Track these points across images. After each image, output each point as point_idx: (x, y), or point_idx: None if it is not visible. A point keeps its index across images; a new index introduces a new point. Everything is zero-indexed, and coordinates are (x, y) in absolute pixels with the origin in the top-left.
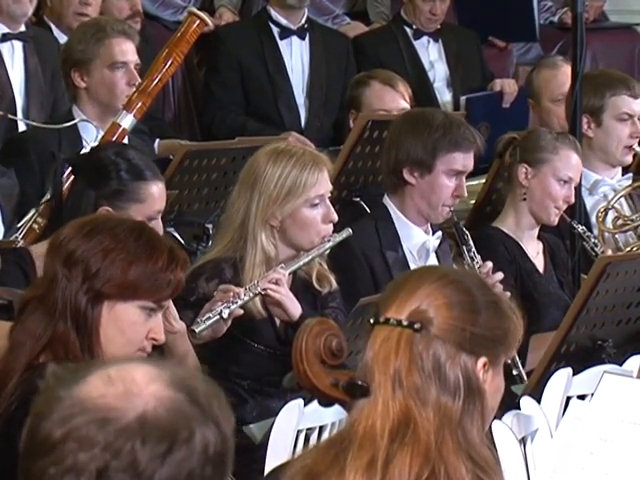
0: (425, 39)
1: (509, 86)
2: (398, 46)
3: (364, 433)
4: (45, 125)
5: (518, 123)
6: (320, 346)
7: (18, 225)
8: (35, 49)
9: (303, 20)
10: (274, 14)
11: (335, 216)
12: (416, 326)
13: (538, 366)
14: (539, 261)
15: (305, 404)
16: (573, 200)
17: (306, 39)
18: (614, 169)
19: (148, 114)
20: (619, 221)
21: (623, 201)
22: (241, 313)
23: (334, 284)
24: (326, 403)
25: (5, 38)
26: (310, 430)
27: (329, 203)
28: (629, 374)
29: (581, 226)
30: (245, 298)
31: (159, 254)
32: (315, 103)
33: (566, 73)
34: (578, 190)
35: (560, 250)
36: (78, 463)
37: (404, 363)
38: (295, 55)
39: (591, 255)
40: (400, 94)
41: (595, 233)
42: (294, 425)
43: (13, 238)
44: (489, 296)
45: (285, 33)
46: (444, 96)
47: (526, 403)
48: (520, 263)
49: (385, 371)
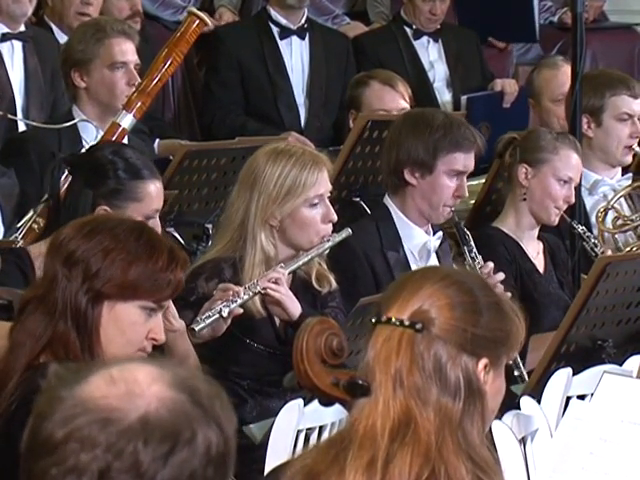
0: (425, 39)
1: (509, 86)
2: (398, 46)
3: (364, 432)
4: (45, 125)
5: (518, 123)
6: (321, 345)
7: (18, 225)
8: (35, 49)
9: (303, 20)
10: (274, 14)
11: (334, 216)
12: (418, 326)
13: (538, 366)
14: (539, 261)
15: (305, 404)
16: (573, 200)
17: (306, 39)
18: (614, 169)
19: (148, 114)
20: (619, 221)
21: (623, 201)
22: (241, 312)
23: (334, 284)
24: (326, 402)
25: (5, 38)
26: (310, 430)
27: (328, 203)
28: (629, 374)
29: (581, 226)
30: (245, 297)
31: (159, 254)
32: (315, 103)
33: (566, 73)
34: (578, 190)
35: (560, 250)
36: (80, 464)
37: (405, 363)
38: (295, 55)
39: (591, 255)
40: (400, 94)
41: (595, 233)
42: (294, 425)
43: (13, 238)
44: (491, 297)
45: (285, 33)
46: (444, 96)
47: (526, 403)
48: (520, 263)
49: (386, 371)
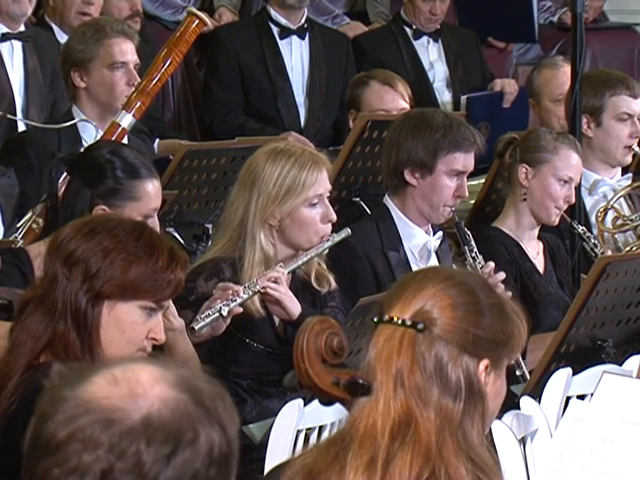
0: (425, 39)
1: (509, 86)
2: (398, 46)
3: (365, 432)
4: (45, 125)
5: (518, 123)
6: (321, 345)
7: (17, 225)
8: (35, 49)
9: (303, 20)
10: (274, 14)
11: (334, 216)
12: (419, 326)
13: (538, 366)
14: (539, 261)
15: (305, 404)
16: (574, 200)
17: (306, 39)
18: (614, 169)
19: (148, 114)
20: (618, 221)
21: (622, 201)
22: (240, 311)
23: (333, 284)
24: (327, 402)
25: (5, 38)
26: (310, 430)
27: (328, 203)
28: (629, 374)
29: (581, 226)
30: (244, 296)
31: (159, 254)
32: (315, 103)
33: (566, 73)
34: (578, 190)
35: (560, 250)
36: (82, 464)
37: (406, 363)
38: (295, 55)
39: (591, 256)
40: (400, 94)
41: (595, 233)
42: (294, 425)
43: (13, 238)
44: (494, 299)
45: (285, 33)
46: (444, 96)
47: (526, 403)
48: (520, 263)
49: (387, 370)
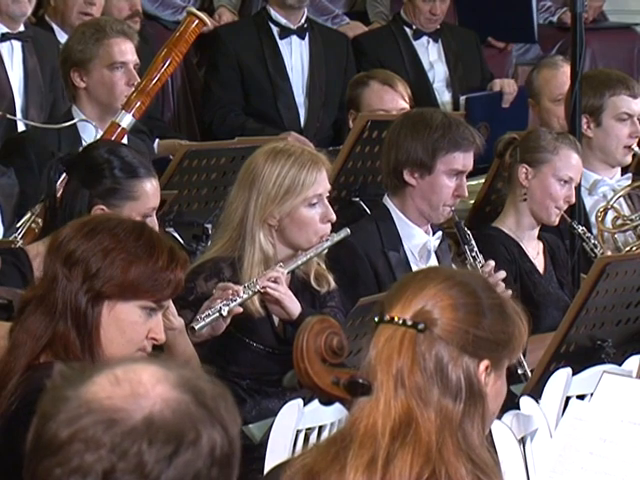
0: (425, 39)
1: (509, 86)
2: (398, 46)
3: (365, 432)
4: (44, 125)
5: (517, 123)
6: (321, 344)
7: (17, 225)
8: (34, 49)
9: (303, 20)
10: (274, 14)
11: (333, 216)
12: (420, 326)
13: (538, 366)
14: (539, 261)
15: (304, 404)
16: (574, 200)
17: (306, 39)
18: (613, 169)
19: (148, 114)
20: (618, 221)
21: (622, 201)
22: (240, 311)
23: (332, 283)
24: (327, 401)
25: (4, 38)
26: (310, 430)
27: (327, 203)
28: (628, 374)
29: (581, 227)
30: (244, 296)
31: (159, 254)
32: (314, 103)
33: (566, 73)
34: (577, 190)
35: (560, 250)
36: (84, 464)
37: (407, 363)
38: (295, 55)
39: (591, 256)
40: (399, 94)
41: (594, 233)
42: (293, 425)
43: (12, 238)
44: (494, 299)
45: (285, 33)
46: (443, 96)
47: (526, 403)
48: (520, 263)
49: (388, 370)
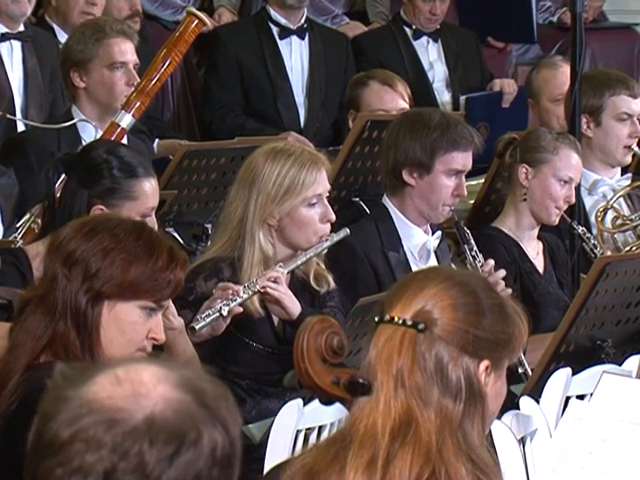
0: (424, 39)
1: (509, 86)
2: (397, 46)
3: (365, 431)
4: (44, 125)
5: (517, 123)
6: (321, 344)
7: (17, 225)
8: (34, 49)
9: (302, 20)
10: (273, 14)
11: (333, 216)
12: (420, 326)
13: (537, 366)
14: (539, 261)
15: (304, 404)
16: (574, 200)
17: (305, 39)
18: (613, 169)
19: (147, 114)
20: (618, 221)
21: (622, 201)
22: (240, 311)
23: (332, 283)
24: (327, 401)
25: (4, 38)
26: (309, 430)
27: (327, 203)
28: (628, 374)
29: (581, 227)
30: (244, 296)
31: (159, 254)
32: (314, 103)
33: (565, 73)
34: (577, 190)
35: (560, 250)
36: (85, 464)
37: (407, 363)
38: (294, 55)
39: (591, 256)
40: (399, 94)
41: (594, 233)
42: (293, 425)
43: (12, 238)
44: (495, 299)
45: (284, 33)
46: (443, 96)
47: (525, 403)
48: (520, 263)
49: (388, 370)
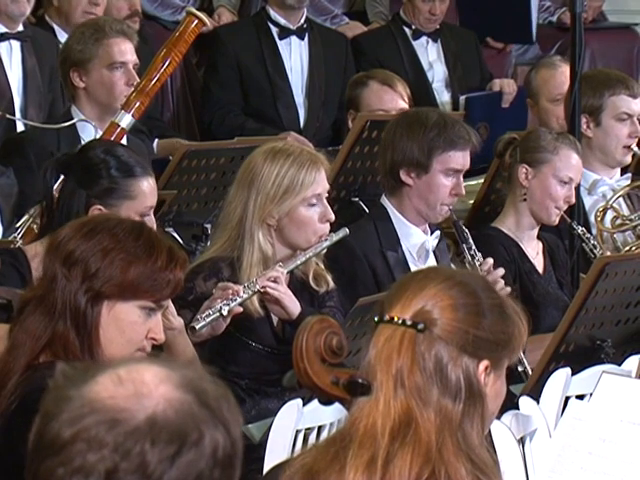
0: (424, 39)
1: (508, 86)
2: (397, 46)
3: (365, 431)
4: (44, 125)
5: (517, 123)
6: (320, 344)
7: (17, 225)
8: (33, 49)
9: (302, 20)
10: (273, 14)
11: (332, 215)
12: (420, 326)
13: (537, 366)
14: (538, 261)
15: (304, 404)
16: (574, 200)
17: (305, 39)
18: (613, 169)
19: (147, 114)
20: (617, 221)
21: (622, 201)
22: (240, 310)
23: (331, 283)
24: (326, 401)
25: (3, 38)
26: (309, 430)
27: (326, 202)
28: (628, 374)
29: (581, 227)
30: (244, 296)
31: (158, 254)
32: (314, 103)
33: (564, 73)
34: (577, 190)
35: (560, 250)
36: (87, 464)
37: (406, 363)
38: (294, 55)
39: (590, 257)
40: (399, 94)
41: (594, 233)
42: (293, 425)
43: (12, 238)
44: (495, 299)
45: (284, 33)
46: (443, 96)
47: (525, 403)
48: (519, 263)
49: (387, 370)
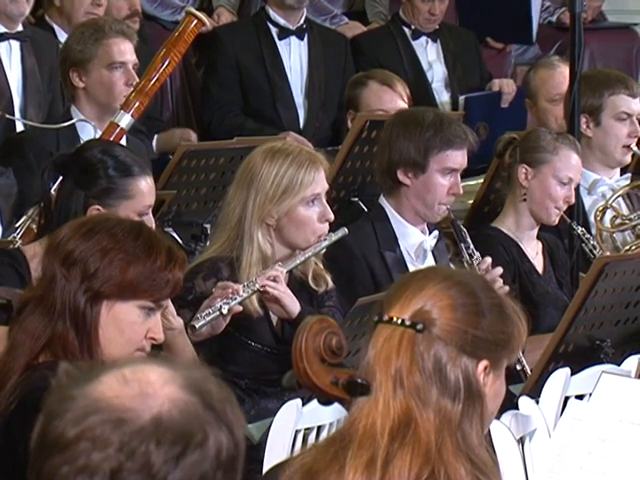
0: (423, 39)
1: (507, 86)
2: (396, 46)
3: (364, 432)
4: (43, 125)
5: (516, 123)
6: (320, 344)
7: (16, 225)
8: (32, 49)
9: (302, 20)
10: (272, 14)
11: (331, 215)
12: (419, 326)
13: (536, 366)
14: (538, 261)
15: (303, 404)
16: (573, 200)
17: (304, 39)
18: (613, 169)
19: (146, 114)
20: (617, 220)
21: (621, 201)
22: (240, 310)
23: (330, 283)
24: (326, 401)
25: (2, 38)
26: (308, 430)
27: (325, 202)
28: (627, 374)
29: (580, 227)
30: (244, 295)
31: (157, 254)
32: (313, 103)
33: (563, 73)
34: (577, 190)
35: (559, 250)
36: (92, 463)
37: (405, 363)
38: (294, 55)
39: (590, 257)
40: (398, 94)
41: (593, 232)
42: (292, 425)
43: (11, 238)
44: (494, 299)
45: (284, 33)
46: (442, 96)
47: (524, 403)
48: (519, 263)
49: (386, 370)
